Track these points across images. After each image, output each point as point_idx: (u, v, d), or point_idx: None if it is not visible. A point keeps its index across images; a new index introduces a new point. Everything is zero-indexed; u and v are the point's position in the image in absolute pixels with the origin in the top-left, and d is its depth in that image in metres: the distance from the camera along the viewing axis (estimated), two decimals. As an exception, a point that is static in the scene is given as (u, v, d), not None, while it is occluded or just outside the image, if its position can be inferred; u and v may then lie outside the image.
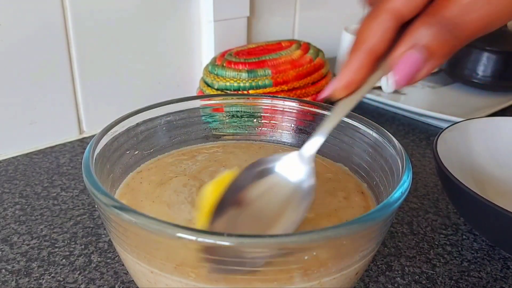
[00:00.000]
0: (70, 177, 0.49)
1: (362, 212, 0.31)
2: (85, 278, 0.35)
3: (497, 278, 0.37)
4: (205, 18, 0.63)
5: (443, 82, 0.77)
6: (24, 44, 0.50)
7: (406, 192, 0.27)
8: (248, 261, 0.23)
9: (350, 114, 0.36)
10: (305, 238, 0.22)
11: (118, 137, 0.33)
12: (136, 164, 0.35)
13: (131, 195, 0.32)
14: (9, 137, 0.52)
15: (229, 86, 0.55)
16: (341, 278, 0.26)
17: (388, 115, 0.67)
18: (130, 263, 0.27)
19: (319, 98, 0.27)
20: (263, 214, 0.27)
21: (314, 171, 0.28)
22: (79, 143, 0.56)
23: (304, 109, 0.38)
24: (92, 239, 0.39)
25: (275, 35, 0.75)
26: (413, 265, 0.38)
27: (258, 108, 0.39)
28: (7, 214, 0.42)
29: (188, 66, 0.65)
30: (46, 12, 0.50)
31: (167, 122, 0.37)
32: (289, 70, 0.56)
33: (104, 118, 0.56)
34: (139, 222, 0.23)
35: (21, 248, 0.38)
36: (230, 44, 0.66)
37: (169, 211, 0.30)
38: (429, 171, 0.52)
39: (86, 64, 0.55)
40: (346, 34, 0.73)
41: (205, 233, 0.22)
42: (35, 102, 0.53)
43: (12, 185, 0.47)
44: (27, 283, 0.35)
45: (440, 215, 0.44)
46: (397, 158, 0.31)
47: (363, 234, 0.25)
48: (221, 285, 0.24)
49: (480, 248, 0.40)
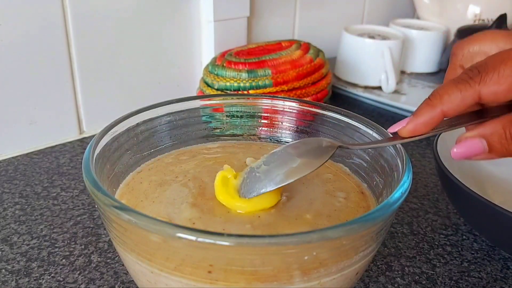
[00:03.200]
0: (70, 177, 0.49)
1: (362, 212, 0.31)
2: (85, 278, 0.35)
3: (497, 279, 0.37)
4: (205, 18, 0.63)
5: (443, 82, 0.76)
6: (24, 44, 0.50)
7: (406, 192, 0.27)
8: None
9: (350, 114, 0.36)
10: (305, 238, 0.22)
11: (118, 137, 0.33)
12: (136, 164, 0.35)
13: (131, 195, 0.32)
14: (9, 137, 0.52)
15: (229, 86, 0.55)
16: (341, 278, 0.26)
17: (388, 115, 0.67)
18: (130, 263, 0.27)
19: (389, 130, 0.31)
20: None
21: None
22: (79, 143, 0.56)
23: (304, 109, 0.38)
24: (92, 239, 0.39)
25: (275, 35, 0.75)
26: (413, 265, 0.38)
27: (258, 108, 0.39)
28: (7, 214, 0.42)
29: (188, 66, 0.65)
30: (46, 12, 0.50)
31: (167, 122, 0.37)
32: (289, 70, 0.56)
33: (104, 118, 0.56)
34: (139, 222, 0.23)
35: (21, 248, 0.38)
36: (230, 44, 0.66)
37: (169, 211, 0.30)
38: (429, 171, 0.52)
39: (86, 64, 0.55)
40: (346, 34, 0.73)
41: (205, 233, 0.22)
42: (35, 102, 0.53)
43: (12, 185, 0.47)
44: (27, 283, 0.35)
45: (440, 215, 0.44)
46: (397, 158, 0.31)
47: (363, 234, 0.25)
48: (221, 285, 0.24)
49: (480, 249, 0.40)
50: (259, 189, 0.29)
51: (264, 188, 0.29)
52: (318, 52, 0.62)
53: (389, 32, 0.76)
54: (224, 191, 0.30)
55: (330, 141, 0.30)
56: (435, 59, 0.80)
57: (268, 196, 0.29)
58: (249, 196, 0.29)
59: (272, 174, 0.29)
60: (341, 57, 0.74)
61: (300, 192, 0.32)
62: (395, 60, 0.70)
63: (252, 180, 0.29)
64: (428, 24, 0.83)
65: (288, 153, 0.30)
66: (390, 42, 0.70)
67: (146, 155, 0.36)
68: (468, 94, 0.27)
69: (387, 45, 0.69)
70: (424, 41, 0.78)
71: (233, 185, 0.30)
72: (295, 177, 0.28)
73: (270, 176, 0.29)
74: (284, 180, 0.28)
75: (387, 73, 0.70)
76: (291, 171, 0.28)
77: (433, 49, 0.79)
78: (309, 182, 0.33)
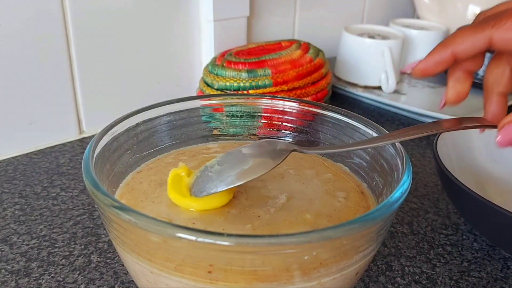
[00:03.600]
0: (70, 177, 0.49)
1: (362, 212, 0.31)
2: (85, 278, 0.35)
3: (497, 278, 0.37)
4: (205, 18, 0.63)
5: (443, 82, 0.76)
6: (24, 44, 0.50)
7: (406, 192, 0.27)
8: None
9: (350, 114, 0.36)
10: (305, 238, 0.22)
11: (118, 137, 0.33)
12: (136, 164, 0.35)
13: (131, 195, 0.32)
14: (8, 137, 0.52)
15: (229, 86, 0.55)
16: (341, 278, 0.26)
17: (388, 115, 0.67)
18: (130, 263, 0.27)
19: (402, 70, 0.31)
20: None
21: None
22: (79, 143, 0.56)
23: (304, 109, 0.38)
24: (92, 239, 0.39)
25: (275, 35, 0.75)
26: (413, 265, 0.38)
27: (258, 108, 0.39)
28: (6, 214, 0.42)
29: (188, 66, 0.65)
30: (46, 12, 0.50)
31: (167, 122, 0.37)
32: (289, 70, 0.56)
33: (104, 118, 0.56)
34: (139, 222, 0.23)
35: (21, 248, 0.38)
36: (230, 44, 0.66)
37: (169, 211, 0.30)
38: (429, 171, 0.52)
39: (86, 64, 0.55)
40: (346, 33, 0.73)
41: (205, 233, 0.22)
42: (35, 102, 0.53)
43: (12, 185, 0.47)
44: (27, 283, 0.34)
45: (440, 215, 0.44)
46: (397, 158, 0.31)
47: (363, 234, 0.25)
48: (221, 285, 0.24)
49: (480, 248, 0.40)
50: (209, 189, 0.29)
51: (215, 189, 0.29)
52: (318, 52, 0.62)
53: (389, 32, 0.76)
54: (175, 189, 0.30)
55: (285, 144, 0.31)
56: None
57: (220, 195, 0.29)
58: (200, 195, 0.29)
59: (224, 174, 0.29)
60: (341, 57, 0.74)
61: (300, 192, 0.32)
62: (395, 60, 0.70)
63: (204, 180, 0.30)
64: (428, 24, 0.83)
65: (242, 154, 0.30)
66: (390, 42, 0.70)
67: (146, 155, 0.36)
68: (480, 37, 0.28)
69: (387, 45, 0.69)
70: (424, 41, 0.78)
71: (186, 183, 0.30)
72: (246, 179, 0.28)
73: (222, 176, 0.29)
74: (235, 182, 0.28)
75: (387, 73, 0.70)
76: (243, 172, 0.28)
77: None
78: (309, 182, 0.34)
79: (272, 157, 0.29)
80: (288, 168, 0.35)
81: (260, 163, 0.29)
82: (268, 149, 0.30)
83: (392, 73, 0.69)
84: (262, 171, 0.28)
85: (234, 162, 0.29)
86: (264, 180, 0.33)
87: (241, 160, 0.29)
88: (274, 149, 0.30)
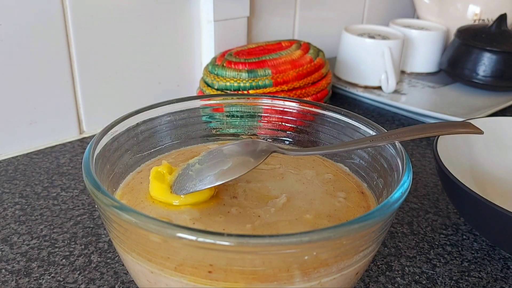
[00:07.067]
0: (70, 177, 0.49)
1: (362, 212, 0.31)
2: (85, 278, 0.35)
3: (497, 278, 0.37)
4: (205, 18, 0.63)
5: (443, 82, 0.77)
6: (24, 44, 0.50)
7: (406, 192, 0.27)
8: None
9: (350, 114, 0.36)
10: (305, 238, 0.22)
11: (118, 137, 0.33)
12: (136, 164, 0.35)
13: (131, 195, 0.32)
14: (9, 137, 0.52)
15: (229, 86, 0.55)
16: (341, 278, 0.26)
17: (388, 115, 0.67)
18: (130, 263, 0.27)
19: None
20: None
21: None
22: (79, 143, 0.56)
23: (304, 109, 0.38)
24: (92, 239, 0.39)
25: (275, 35, 0.75)
26: (413, 265, 0.38)
27: (258, 108, 0.39)
28: (7, 214, 0.42)
29: (188, 66, 0.65)
30: (46, 12, 0.50)
31: (167, 122, 0.37)
32: (289, 70, 0.56)
33: (104, 118, 0.56)
34: (139, 222, 0.23)
35: (21, 248, 0.38)
36: (230, 44, 0.66)
37: (169, 211, 0.30)
38: (429, 171, 0.52)
39: (86, 64, 0.55)
40: (346, 34, 0.73)
41: (205, 233, 0.22)
42: (35, 102, 0.53)
43: (12, 185, 0.47)
44: (27, 283, 0.35)
45: (440, 215, 0.44)
46: (397, 158, 0.31)
47: (363, 234, 0.25)
48: (221, 285, 0.24)
49: (480, 248, 0.40)
50: (189, 188, 0.29)
51: (194, 188, 0.29)
52: (318, 52, 0.62)
53: (389, 32, 0.76)
54: (156, 187, 0.30)
55: (266, 145, 0.31)
56: (435, 59, 0.80)
57: (199, 192, 0.30)
58: (180, 193, 0.30)
59: (203, 174, 0.29)
60: (341, 57, 0.74)
61: (300, 192, 0.32)
62: (395, 60, 0.70)
63: (185, 178, 0.30)
64: (428, 24, 0.83)
65: (223, 155, 0.30)
66: (390, 42, 0.70)
67: (146, 155, 0.36)
68: None
69: (387, 45, 0.69)
70: (424, 41, 0.78)
71: (167, 181, 0.31)
72: (225, 180, 0.28)
73: (201, 176, 0.29)
74: (213, 182, 0.29)
75: (387, 73, 0.70)
76: (222, 173, 0.29)
77: (433, 49, 0.79)
78: (309, 182, 0.34)
79: (252, 158, 0.29)
80: (288, 168, 0.35)
81: (240, 164, 0.29)
82: (248, 150, 0.30)
83: (392, 73, 0.69)
84: (241, 172, 0.29)
85: (214, 162, 0.30)
86: (264, 180, 0.33)
87: (221, 160, 0.30)
88: (254, 150, 0.30)
